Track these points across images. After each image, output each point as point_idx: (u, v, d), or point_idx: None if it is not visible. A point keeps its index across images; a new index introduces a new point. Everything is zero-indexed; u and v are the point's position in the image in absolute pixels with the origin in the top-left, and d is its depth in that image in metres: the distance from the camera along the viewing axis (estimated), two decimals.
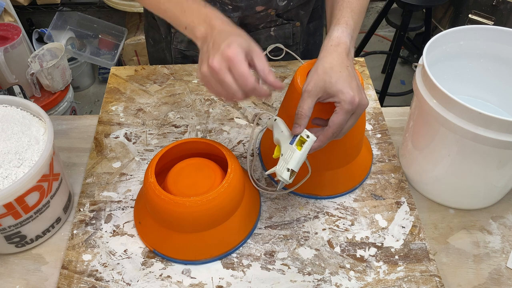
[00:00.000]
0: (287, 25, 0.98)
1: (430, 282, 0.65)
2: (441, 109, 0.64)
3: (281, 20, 0.96)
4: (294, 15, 0.97)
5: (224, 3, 0.89)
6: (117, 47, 2.16)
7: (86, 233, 0.71)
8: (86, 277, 0.66)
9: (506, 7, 1.67)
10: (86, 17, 2.14)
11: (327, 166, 0.75)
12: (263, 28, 0.97)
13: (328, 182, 0.75)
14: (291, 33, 0.99)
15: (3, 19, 1.83)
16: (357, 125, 0.72)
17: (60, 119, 0.92)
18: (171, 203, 0.62)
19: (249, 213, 0.71)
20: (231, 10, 0.90)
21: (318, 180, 0.75)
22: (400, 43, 1.85)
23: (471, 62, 0.78)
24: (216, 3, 0.89)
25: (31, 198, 0.63)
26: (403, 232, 0.71)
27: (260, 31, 0.97)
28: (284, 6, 0.91)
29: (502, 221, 0.75)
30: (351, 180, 0.77)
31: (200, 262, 0.67)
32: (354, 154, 0.76)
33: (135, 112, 0.91)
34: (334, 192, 0.76)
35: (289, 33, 0.99)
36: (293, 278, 0.66)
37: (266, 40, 0.99)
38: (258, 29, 0.97)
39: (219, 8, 0.90)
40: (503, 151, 0.63)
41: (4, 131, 0.66)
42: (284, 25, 0.97)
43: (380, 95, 1.99)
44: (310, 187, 0.75)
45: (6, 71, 1.52)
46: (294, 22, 0.98)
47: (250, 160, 0.82)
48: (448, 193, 0.75)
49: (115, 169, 0.80)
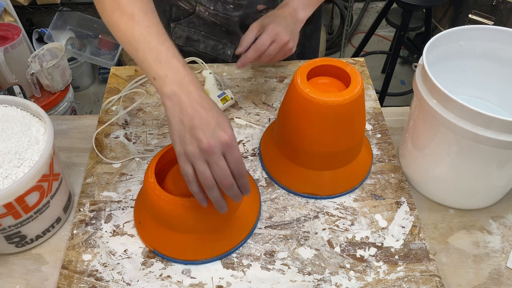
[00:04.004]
0: None
1: (430, 282, 0.65)
2: (441, 109, 0.64)
3: None
4: None
5: (226, 1, 0.89)
6: (117, 47, 2.16)
7: (86, 233, 0.71)
8: (86, 277, 0.66)
9: (506, 7, 1.67)
10: (86, 17, 2.14)
11: (327, 166, 0.75)
12: None
13: (328, 182, 0.75)
14: None
15: (3, 19, 1.83)
16: (357, 124, 0.72)
17: (60, 119, 0.92)
18: (171, 203, 0.62)
19: (249, 213, 0.71)
20: (233, 9, 0.90)
21: (318, 180, 0.75)
22: (400, 43, 1.85)
23: (471, 62, 0.78)
24: (218, 1, 0.90)
25: (31, 198, 0.63)
26: (403, 232, 0.71)
27: None
28: None
29: (502, 221, 0.75)
30: (351, 180, 0.77)
31: (200, 262, 0.67)
32: (354, 154, 0.76)
33: (135, 112, 0.91)
34: (334, 192, 0.76)
35: None
36: (293, 278, 0.66)
37: None
38: None
39: (221, 7, 0.91)
40: (503, 151, 0.63)
41: (4, 131, 0.66)
42: None
43: (380, 95, 1.99)
44: (310, 187, 0.75)
45: (6, 71, 1.52)
46: None
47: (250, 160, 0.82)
48: (448, 193, 0.75)
49: (115, 169, 0.80)
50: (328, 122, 0.69)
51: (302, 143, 0.72)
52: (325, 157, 0.73)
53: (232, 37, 0.98)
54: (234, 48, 0.99)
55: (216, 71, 0.99)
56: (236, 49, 0.84)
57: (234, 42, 0.99)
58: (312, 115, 0.68)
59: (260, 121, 0.89)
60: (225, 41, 0.99)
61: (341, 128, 0.70)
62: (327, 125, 0.69)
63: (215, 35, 0.98)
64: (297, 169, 0.76)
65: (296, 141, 0.73)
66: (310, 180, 0.75)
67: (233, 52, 1.00)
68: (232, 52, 1.00)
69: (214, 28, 0.97)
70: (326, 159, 0.73)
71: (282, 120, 0.75)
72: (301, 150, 0.73)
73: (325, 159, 0.73)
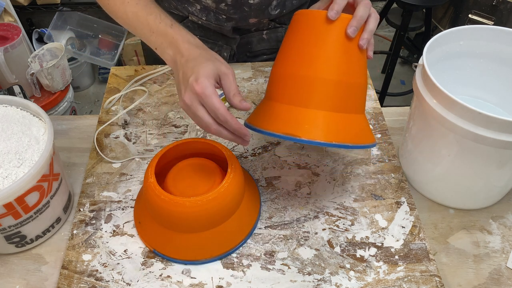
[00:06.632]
0: (279, 28, 0.98)
1: (430, 282, 0.65)
2: (441, 109, 0.64)
3: (274, 24, 0.97)
4: (287, 19, 0.98)
5: (219, 13, 0.89)
6: (117, 47, 2.16)
7: (86, 233, 0.71)
8: (86, 277, 0.66)
9: (506, 7, 1.67)
10: (86, 17, 2.14)
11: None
12: (255, 31, 0.97)
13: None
14: (283, 36, 0.99)
15: (3, 19, 1.83)
16: (358, 58, 0.63)
17: (60, 119, 0.92)
18: (171, 203, 0.62)
19: (249, 213, 0.71)
20: (225, 20, 0.90)
21: (306, 117, 0.60)
22: (400, 43, 1.85)
23: (471, 62, 0.78)
24: (210, 12, 0.89)
25: (31, 198, 0.63)
26: (403, 232, 0.71)
27: (252, 34, 0.98)
28: (277, 14, 0.91)
29: (502, 221, 0.75)
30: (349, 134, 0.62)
31: (200, 262, 0.67)
32: (351, 104, 0.63)
33: (135, 112, 0.91)
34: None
35: (281, 36, 0.99)
36: (293, 278, 0.66)
37: (258, 42, 1.00)
38: (251, 32, 0.98)
39: (213, 17, 0.90)
40: (503, 151, 0.63)
41: (4, 131, 0.66)
42: (276, 29, 0.98)
43: (380, 95, 1.99)
44: (292, 127, 0.59)
45: (6, 71, 1.52)
46: (287, 25, 0.98)
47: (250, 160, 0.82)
48: (448, 193, 0.75)
49: (115, 169, 0.80)
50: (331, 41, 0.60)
51: (293, 68, 0.61)
52: (319, 85, 0.60)
53: (227, 39, 0.98)
54: (230, 49, 0.99)
55: None
56: None
57: (230, 43, 0.99)
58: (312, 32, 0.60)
59: None
60: (220, 43, 0.99)
61: (341, 53, 0.60)
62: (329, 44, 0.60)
63: (210, 37, 0.98)
64: (280, 107, 0.62)
65: (288, 68, 0.62)
66: (293, 118, 0.60)
67: (229, 54, 1.00)
68: (228, 54, 1.00)
69: (208, 31, 0.97)
70: (343, 101, 0.61)
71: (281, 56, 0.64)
72: (289, 75, 0.62)
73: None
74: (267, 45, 1.00)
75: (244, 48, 1.01)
